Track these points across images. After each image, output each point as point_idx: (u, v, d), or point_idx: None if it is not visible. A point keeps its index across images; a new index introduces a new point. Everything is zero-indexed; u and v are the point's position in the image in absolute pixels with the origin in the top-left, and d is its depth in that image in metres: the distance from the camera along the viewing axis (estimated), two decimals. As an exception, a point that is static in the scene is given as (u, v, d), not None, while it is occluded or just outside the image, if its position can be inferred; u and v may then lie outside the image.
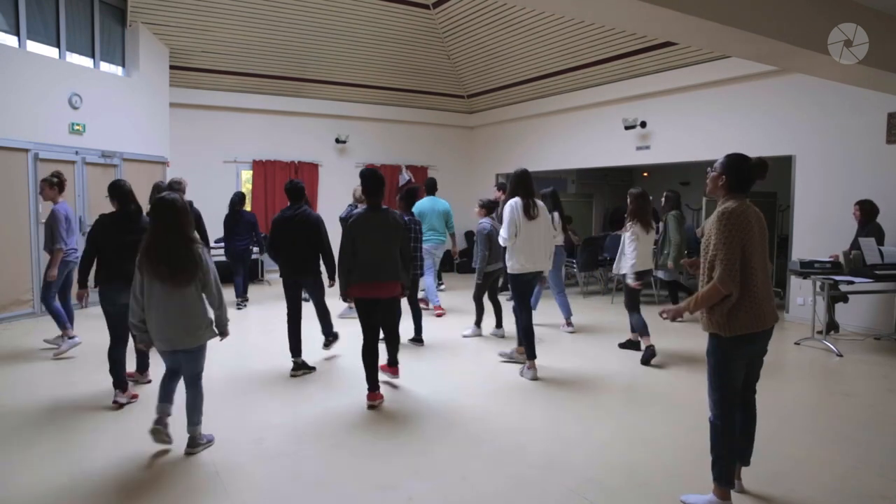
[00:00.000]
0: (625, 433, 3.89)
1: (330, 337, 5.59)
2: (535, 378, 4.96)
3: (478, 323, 6.51)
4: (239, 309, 7.85)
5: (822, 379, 5.35)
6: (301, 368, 5.07)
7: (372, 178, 4.35)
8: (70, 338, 5.48)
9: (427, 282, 7.56)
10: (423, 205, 7.50)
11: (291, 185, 5.14)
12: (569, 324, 6.82)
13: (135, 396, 4.34)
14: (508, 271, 5.05)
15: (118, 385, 4.27)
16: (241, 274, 8.16)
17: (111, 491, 3.06)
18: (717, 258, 2.72)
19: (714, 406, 2.87)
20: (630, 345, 5.93)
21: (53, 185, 5.43)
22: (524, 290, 5.03)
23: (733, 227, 2.69)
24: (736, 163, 2.82)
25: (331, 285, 5.24)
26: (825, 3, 4.62)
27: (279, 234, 5.03)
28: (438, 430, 3.91)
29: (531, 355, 5.04)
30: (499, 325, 6.53)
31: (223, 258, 8.52)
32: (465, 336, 6.45)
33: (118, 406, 4.19)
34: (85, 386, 4.66)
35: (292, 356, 5.09)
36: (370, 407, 4.25)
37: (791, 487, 3.17)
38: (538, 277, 5.17)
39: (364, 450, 3.59)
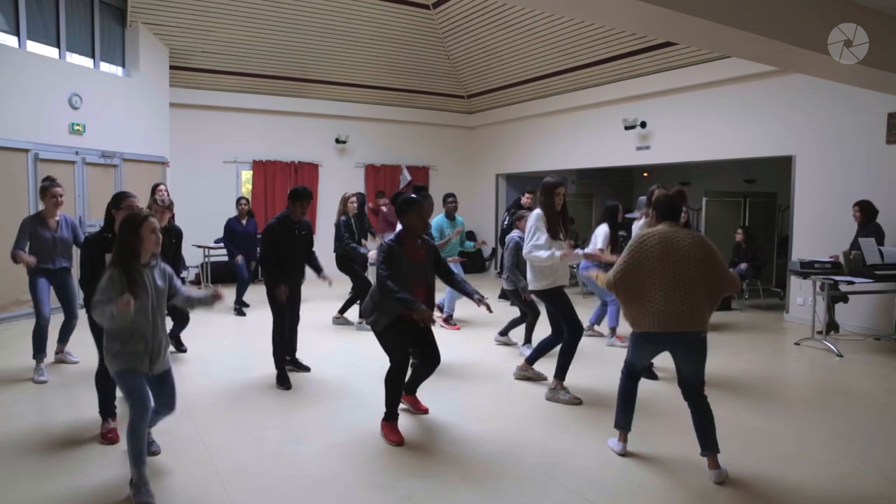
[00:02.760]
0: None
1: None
2: (574, 401, 4.47)
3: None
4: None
5: (822, 379, 5.35)
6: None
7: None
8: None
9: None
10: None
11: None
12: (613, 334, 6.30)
13: None
14: (537, 288, 4.61)
15: None
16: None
17: (110, 491, 3.06)
18: (614, 267, 3.38)
19: (623, 369, 3.58)
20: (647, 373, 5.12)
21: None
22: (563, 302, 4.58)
23: (634, 245, 3.32)
24: (658, 199, 3.52)
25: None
26: (825, 4, 4.62)
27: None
28: (438, 429, 3.91)
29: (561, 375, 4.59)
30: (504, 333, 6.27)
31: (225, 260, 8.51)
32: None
33: None
34: (85, 387, 4.66)
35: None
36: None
37: (791, 487, 3.17)
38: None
39: (363, 449, 3.59)
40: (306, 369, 5.12)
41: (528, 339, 5.96)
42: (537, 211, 4.60)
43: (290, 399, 4.48)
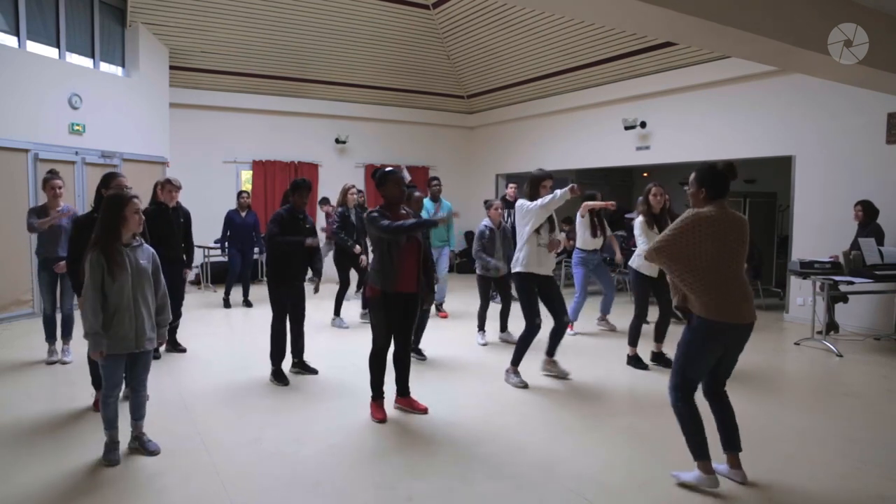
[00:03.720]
0: (625, 433, 3.89)
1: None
2: (521, 385, 4.74)
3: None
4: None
5: (822, 379, 5.34)
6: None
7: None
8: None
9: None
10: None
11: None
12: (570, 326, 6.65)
13: None
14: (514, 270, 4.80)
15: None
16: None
17: (111, 491, 3.06)
18: (661, 235, 2.99)
19: (673, 390, 3.11)
20: (636, 362, 5.38)
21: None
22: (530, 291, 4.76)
23: (695, 226, 2.92)
24: (708, 174, 3.01)
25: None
26: (825, 3, 4.62)
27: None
28: (438, 429, 3.91)
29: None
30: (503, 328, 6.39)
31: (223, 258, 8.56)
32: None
33: None
34: (84, 386, 4.66)
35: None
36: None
37: (791, 487, 3.17)
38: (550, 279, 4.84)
39: (363, 449, 3.59)
40: (314, 372, 5.09)
41: (480, 327, 6.27)
42: (520, 202, 4.75)
43: (289, 399, 4.48)
